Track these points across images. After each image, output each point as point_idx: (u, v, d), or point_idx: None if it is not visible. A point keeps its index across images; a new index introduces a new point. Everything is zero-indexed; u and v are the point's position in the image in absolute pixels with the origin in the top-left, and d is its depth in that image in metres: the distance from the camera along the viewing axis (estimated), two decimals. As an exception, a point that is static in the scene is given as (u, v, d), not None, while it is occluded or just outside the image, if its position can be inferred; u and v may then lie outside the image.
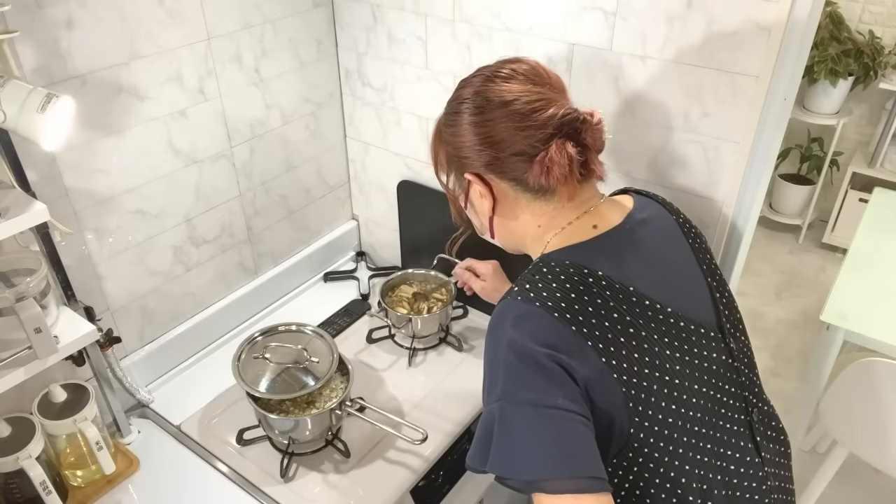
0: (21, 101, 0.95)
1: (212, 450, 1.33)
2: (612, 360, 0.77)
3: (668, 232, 0.95)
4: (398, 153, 1.70)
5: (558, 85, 0.89)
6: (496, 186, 0.89)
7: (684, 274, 0.92)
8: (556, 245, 0.88)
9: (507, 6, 1.32)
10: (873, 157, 3.23)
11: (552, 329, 0.77)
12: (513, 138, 0.84)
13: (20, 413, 1.17)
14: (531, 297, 0.79)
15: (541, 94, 0.85)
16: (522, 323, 0.78)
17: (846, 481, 2.13)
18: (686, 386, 0.82)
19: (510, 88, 0.85)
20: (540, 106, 0.84)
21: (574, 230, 0.88)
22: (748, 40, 1.09)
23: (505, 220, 0.93)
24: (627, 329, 0.79)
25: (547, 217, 0.89)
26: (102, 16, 1.15)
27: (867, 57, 2.98)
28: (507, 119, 0.84)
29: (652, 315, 0.82)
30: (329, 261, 1.88)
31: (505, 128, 0.84)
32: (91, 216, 1.25)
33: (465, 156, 0.89)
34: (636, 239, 0.89)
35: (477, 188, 0.90)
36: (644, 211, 0.94)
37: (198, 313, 1.55)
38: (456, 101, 0.91)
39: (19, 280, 1.07)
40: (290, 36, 1.52)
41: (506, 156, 0.85)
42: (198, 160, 1.42)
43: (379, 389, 1.47)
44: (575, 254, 0.85)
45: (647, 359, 0.79)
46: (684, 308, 0.86)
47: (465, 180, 0.91)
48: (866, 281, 1.92)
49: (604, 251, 0.86)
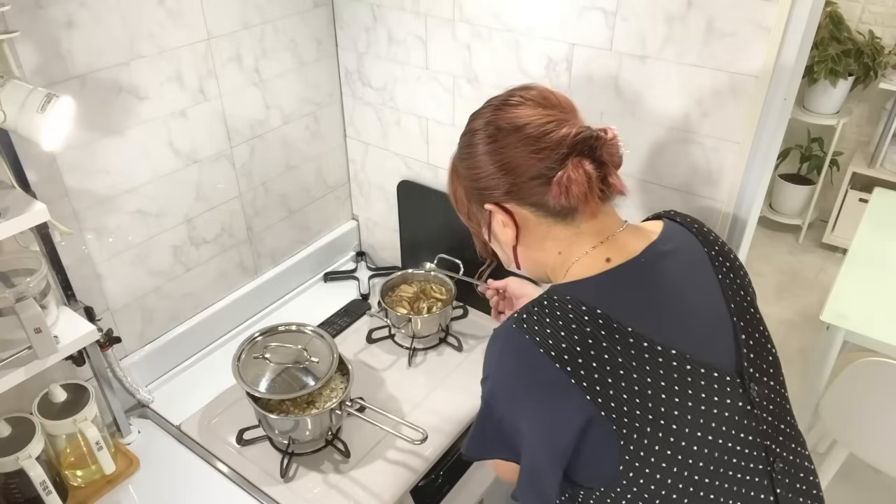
0: (21, 101, 0.95)
1: (212, 450, 1.33)
2: (599, 398, 0.75)
3: (694, 266, 0.90)
4: (398, 153, 1.70)
5: (568, 106, 0.88)
6: (517, 214, 0.88)
7: (704, 313, 0.87)
8: (571, 276, 0.86)
9: (507, 6, 1.32)
10: (873, 157, 3.23)
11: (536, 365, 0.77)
12: (528, 162, 0.83)
13: (20, 413, 1.17)
14: (524, 329, 0.79)
15: (551, 115, 0.84)
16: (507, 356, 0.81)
17: (846, 481, 2.13)
18: (688, 433, 0.78)
19: (520, 113, 0.85)
20: (552, 127, 0.83)
21: (588, 262, 0.86)
22: (748, 40, 1.09)
23: (528, 248, 0.91)
24: (621, 371, 0.77)
25: (567, 243, 0.87)
26: (102, 16, 1.15)
27: (867, 57, 2.98)
28: (522, 143, 0.83)
29: (653, 357, 0.78)
30: (329, 261, 1.88)
31: (520, 153, 0.84)
32: (91, 216, 1.25)
33: (484, 187, 0.88)
34: (651, 274, 0.85)
35: (499, 218, 0.89)
36: (670, 241, 0.89)
37: (198, 313, 1.55)
38: (468, 134, 0.90)
39: (19, 280, 1.07)
40: (290, 36, 1.52)
41: (524, 180, 0.84)
42: (198, 160, 1.42)
43: (379, 389, 1.47)
44: (581, 289, 0.83)
45: (643, 402, 0.76)
46: (697, 351, 0.81)
47: (486, 212, 0.89)
48: (866, 281, 1.92)
49: (611, 288, 0.83)
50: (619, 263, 0.84)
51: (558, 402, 0.77)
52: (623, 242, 0.87)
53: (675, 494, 0.78)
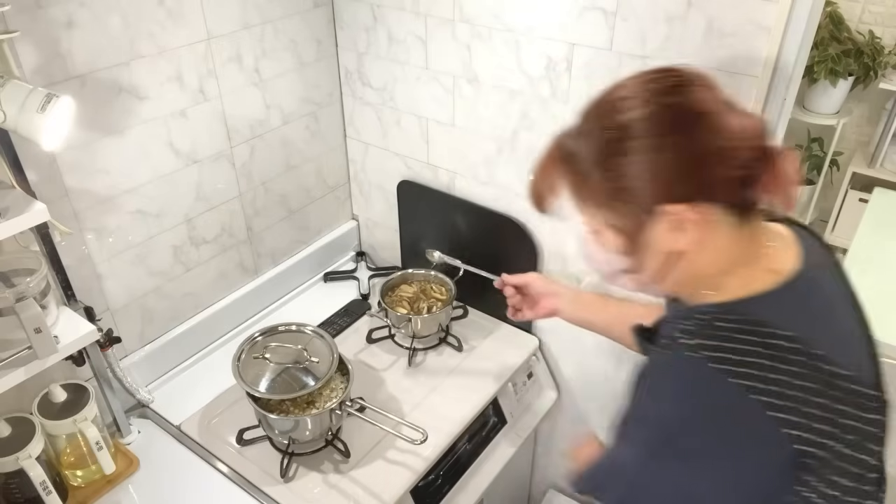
0: (21, 101, 0.95)
1: (212, 450, 1.33)
2: (795, 431, 0.67)
3: (836, 279, 0.82)
4: (398, 153, 1.70)
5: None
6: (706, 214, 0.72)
7: (854, 331, 0.81)
8: (733, 293, 0.74)
9: (508, 6, 1.32)
10: (873, 157, 3.23)
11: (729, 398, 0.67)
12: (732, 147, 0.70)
13: (20, 413, 1.17)
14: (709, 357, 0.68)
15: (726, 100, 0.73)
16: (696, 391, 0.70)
17: (846, 481, 2.12)
18: (860, 458, 0.73)
19: (699, 95, 0.72)
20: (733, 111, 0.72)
21: (752, 276, 0.74)
22: (748, 40, 1.09)
23: (693, 258, 0.76)
24: (815, 401, 0.69)
25: (740, 249, 0.75)
26: (102, 16, 1.15)
27: (867, 57, 2.98)
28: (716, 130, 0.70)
29: (837, 382, 0.71)
30: (329, 261, 1.88)
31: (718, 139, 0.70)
32: (91, 216, 1.25)
33: (659, 185, 0.71)
34: (815, 289, 0.77)
35: (674, 220, 0.72)
36: (812, 251, 0.80)
37: (198, 313, 1.54)
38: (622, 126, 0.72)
39: (19, 280, 1.07)
40: (290, 36, 1.52)
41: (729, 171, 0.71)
42: (198, 160, 1.42)
43: (379, 389, 1.47)
44: (761, 308, 0.71)
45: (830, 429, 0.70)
46: (857, 373, 0.74)
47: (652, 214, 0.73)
48: (866, 281, 1.92)
49: (790, 306, 0.73)
50: (787, 279, 0.74)
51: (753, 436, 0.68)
52: (779, 255, 0.77)
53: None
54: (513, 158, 1.47)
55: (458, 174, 1.60)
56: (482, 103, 1.46)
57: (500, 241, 1.57)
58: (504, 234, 1.55)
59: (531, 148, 1.43)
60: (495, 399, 1.50)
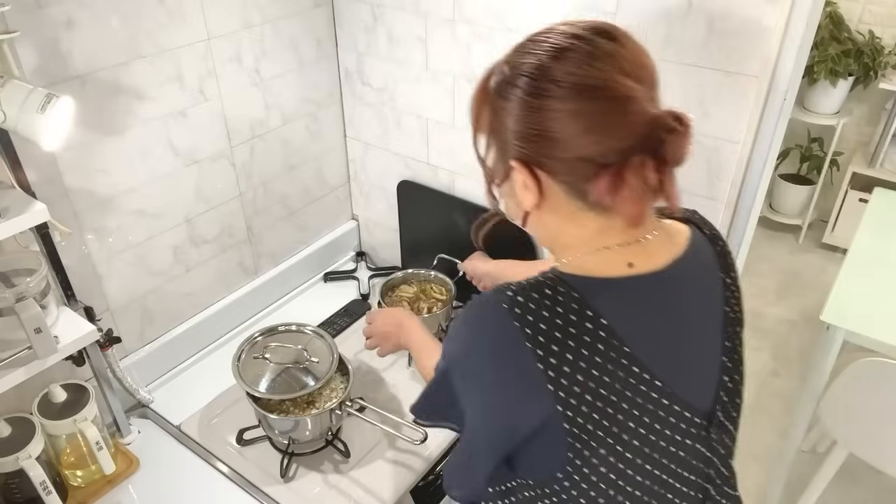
0: (21, 101, 0.95)
1: (212, 450, 1.33)
2: (569, 409, 0.70)
3: (708, 297, 0.82)
4: (398, 153, 1.70)
5: (650, 77, 0.71)
6: (545, 183, 0.73)
7: (700, 349, 0.81)
8: (581, 266, 0.75)
9: (508, 6, 1.32)
10: (873, 157, 3.23)
11: (516, 357, 0.71)
12: (579, 140, 0.68)
13: (20, 413, 1.17)
14: (516, 314, 0.71)
15: (627, 90, 0.67)
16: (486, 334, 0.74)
17: (846, 481, 2.13)
18: (638, 463, 0.75)
19: (588, 75, 0.67)
20: (622, 108, 0.67)
21: (608, 259, 0.75)
22: (748, 40, 1.09)
23: (542, 220, 0.78)
24: (602, 390, 0.71)
25: (590, 232, 0.76)
26: (102, 16, 1.15)
27: (867, 57, 2.98)
28: (577, 117, 0.67)
29: (638, 384, 0.73)
30: (329, 261, 1.88)
31: (571, 126, 0.68)
32: (91, 216, 1.25)
33: (517, 139, 0.72)
34: (668, 295, 0.77)
35: (521, 178, 0.74)
36: (695, 259, 0.80)
37: (198, 313, 1.54)
38: (514, 69, 0.72)
39: (19, 280, 1.07)
40: (290, 36, 1.52)
41: (565, 157, 0.70)
42: (198, 160, 1.42)
43: (379, 389, 1.47)
44: (593, 289, 0.73)
45: (609, 423, 0.72)
46: (680, 387, 0.76)
47: (509, 164, 0.75)
48: (866, 281, 1.92)
49: (624, 299, 0.74)
50: (640, 273, 0.75)
51: (524, 399, 0.72)
52: (651, 250, 0.76)
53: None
54: (513, 158, 1.47)
55: (458, 174, 1.59)
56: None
57: (500, 242, 1.57)
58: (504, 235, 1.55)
59: (531, 148, 1.43)
60: (495, 399, 1.50)
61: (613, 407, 0.72)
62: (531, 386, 0.70)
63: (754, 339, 2.86)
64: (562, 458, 0.73)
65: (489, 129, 0.77)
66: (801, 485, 2.01)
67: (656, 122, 0.67)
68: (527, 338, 0.70)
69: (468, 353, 0.77)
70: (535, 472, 0.78)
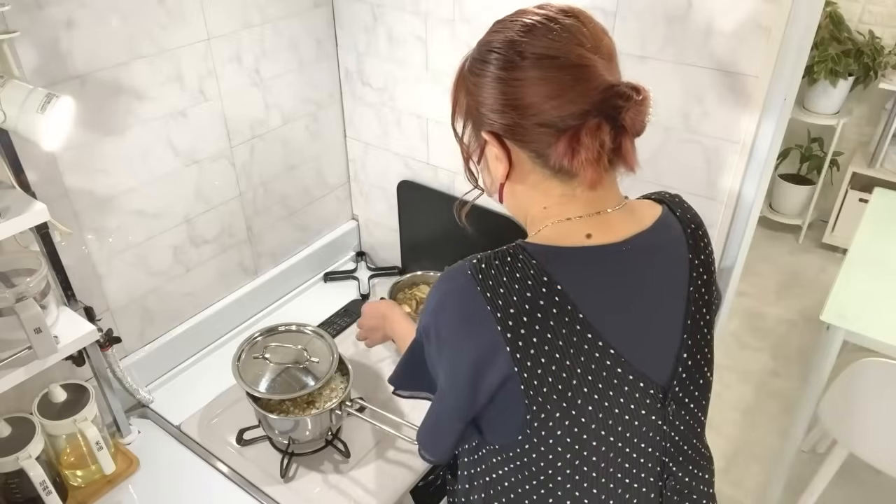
0: (21, 101, 0.95)
1: (212, 450, 1.33)
2: (525, 370, 0.74)
3: (670, 270, 0.84)
4: (398, 153, 1.70)
5: (608, 50, 0.77)
6: (514, 153, 0.79)
7: (659, 321, 0.83)
8: (543, 236, 0.80)
9: (508, 6, 1.31)
10: (873, 157, 3.23)
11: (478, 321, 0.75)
12: (542, 106, 0.74)
13: (20, 413, 1.17)
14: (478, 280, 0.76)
15: (585, 60, 0.73)
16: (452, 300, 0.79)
17: (846, 481, 2.13)
18: (593, 428, 0.78)
19: (550, 46, 0.74)
20: (580, 75, 0.73)
21: (567, 229, 0.80)
22: (748, 40, 1.09)
23: (515, 190, 0.84)
24: (556, 353, 0.75)
25: (554, 201, 0.80)
26: (102, 16, 1.15)
27: (867, 57, 2.98)
28: (540, 83, 0.73)
29: (592, 349, 0.76)
30: (329, 261, 1.88)
31: (535, 93, 0.73)
32: (91, 216, 1.25)
33: (485, 113, 0.79)
34: (625, 266, 0.80)
35: (493, 150, 0.80)
36: (660, 236, 0.83)
37: (198, 313, 1.54)
38: (485, 46, 0.79)
39: (19, 280, 1.07)
40: (290, 36, 1.52)
41: (530, 124, 0.75)
42: (198, 160, 1.42)
43: (379, 389, 1.47)
44: (550, 257, 0.77)
45: (563, 387, 0.75)
46: (636, 358, 0.79)
47: (482, 138, 0.81)
48: (866, 281, 1.92)
49: (581, 267, 0.78)
50: (598, 244, 0.78)
51: (485, 361, 0.76)
52: (611, 223, 0.80)
53: (560, 477, 0.81)
54: (513, 158, 1.47)
55: (458, 174, 1.59)
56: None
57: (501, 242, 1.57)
58: (504, 234, 1.55)
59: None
60: (495, 399, 1.50)
61: (567, 371, 0.75)
62: (491, 347, 0.75)
63: (754, 339, 2.86)
64: (521, 421, 0.77)
65: (465, 108, 0.83)
66: (801, 485, 2.01)
67: (612, 89, 0.72)
68: (487, 301, 0.74)
69: (437, 316, 0.80)
70: (500, 436, 0.81)
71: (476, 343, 0.76)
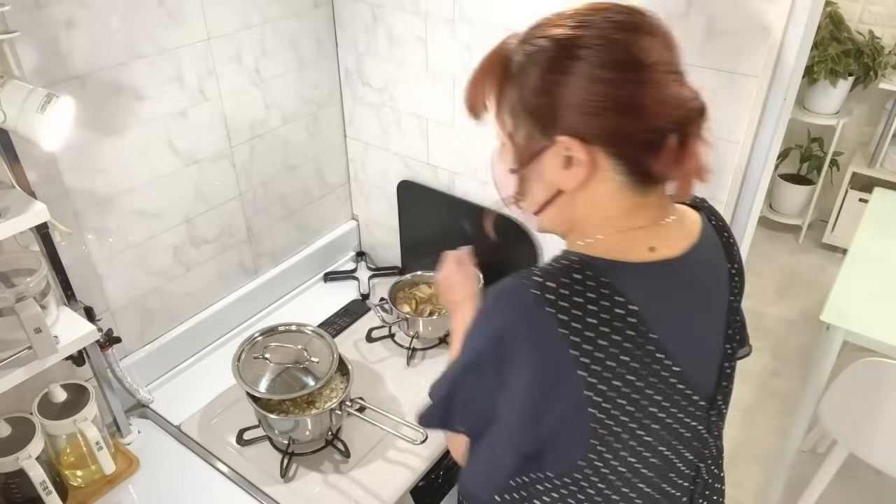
0: (21, 101, 0.95)
1: (212, 450, 1.33)
2: (598, 395, 0.71)
3: (717, 284, 0.84)
4: (398, 153, 1.70)
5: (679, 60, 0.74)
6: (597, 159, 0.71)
7: (709, 334, 0.83)
8: (603, 250, 0.74)
9: (508, 6, 1.32)
10: (873, 157, 3.23)
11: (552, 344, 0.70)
12: (653, 109, 0.68)
13: (20, 413, 1.17)
14: (549, 301, 0.69)
15: (680, 62, 0.71)
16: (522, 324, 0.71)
17: (846, 481, 2.13)
18: (651, 443, 0.77)
19: (652, 47, 0.69)
20: (682, 80, 0.70)
21: (629, 241, 0.75)
22: (748, 40, 1.09)
23: (577, 196, 0.75)
24: (629, 376, 0.72)
25: (622, 211, 0.75)
26: (102, 16, 1.15)
27: (867, 57, 2.98)
28: (653, 87, 0.68)
29: (660, 369, 0.74)
30: (329, 261, 1.88)
31: (648, 95, 0.68)
32: (91, 216, 1.25)
33: (568, 115, 0.70)
34: (686, 282, 0.78)
35: (564, 155, 0.71)
36: (708, 248, 0.82)
37: (198, 313, 1.54)
38: (568, 41, 0.70)
39: (19, 280, 1.07)
40: (290, 36, 1.52)
41: (636, 129, 0.69)
42: (198, 160, 1.42)
43: (379, 389, 1.47)
44: (620, 275, 0.73)
45: (632, 407, 0.74)
46: (692, 370, 0.78)
47: (550, 141, 0.72)
48: (866, 281, 1.92)
49: (648, 284, 0.74)
50: (662, 258, 0.75)
51: (554, 386, 0.71)
52: (670, 234, 0.77)
53: (615, 496, 0.78)
54: (513, 158, 1.47)
55: (458, 174, 1.59)
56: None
57: (500, 241, 1.57)
58: (504, 234, 1.55)
59: (531, 148, 1.43)
60: (495, 399, 1.50)
61: (638, 392, 0.73)
62: (562, 371, 0.70)
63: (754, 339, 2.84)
64: (585, 445, 0.74)
65: (521, 105, 0.73)
66: (801, 485, 2.01)
67: (698, 97, 0.71)
68: (560, 323, 0.69)
69: (499, 339, 0.73)
70: (558, 462, 0.77)
71: (545, 367, 0.71)
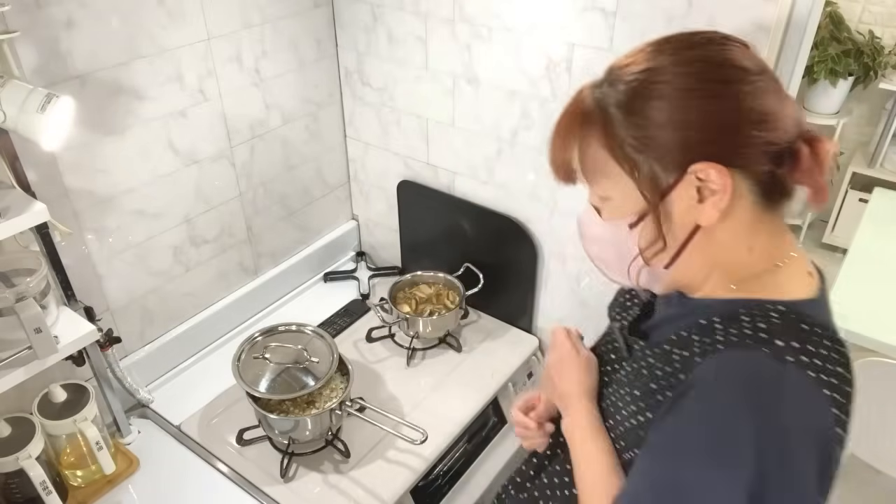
0: (21, 101, 0.95)
1: (212, 450, 1.33)
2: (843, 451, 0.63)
3: None
4: (398, 153, 1.70)
5: None
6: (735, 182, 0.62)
7: None
8: (790, 290, 0.65)
9: (507, 6, 1.32)
10: (873, 157, 3.23)
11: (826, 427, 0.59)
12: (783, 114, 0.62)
13: (20, 413, 1.17)
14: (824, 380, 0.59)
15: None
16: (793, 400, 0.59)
17: (846, 481, 2.12)
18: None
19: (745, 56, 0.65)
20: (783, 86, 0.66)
21: (796, 276, 0.67)
22: (748, 40, 1.08)
23: (715, 232, 0.65)
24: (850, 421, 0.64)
25: (763, 238, 0.66)
26: (102, 16, 1.15)
27: (867, 57, 2.98)
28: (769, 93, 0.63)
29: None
30: (329, 261, 1.88)
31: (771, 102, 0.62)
32: (91, 216, 1.25)
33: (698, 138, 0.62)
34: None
35: (697, 186, 0.62)
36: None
37: (198, 313, 1.54)
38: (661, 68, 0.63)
39: (19, 280, 1.07)
40: (290, 36, 1.52)
41: (772, 139, 0.62)
42: (198, 160, 1.41)
43: (379, 389, 1.47)
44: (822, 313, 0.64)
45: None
46: None
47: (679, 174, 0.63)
48: (866, 281, 1.92)
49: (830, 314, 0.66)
50: (821, 287, 0.68)
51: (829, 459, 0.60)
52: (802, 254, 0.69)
53: None
54: (513, 158, 1.47)
55: (458, 174, 1.59)
56: (482, 103, 1.46)
57: (500, 241, 1.57)
58: (504, 234, 1.55)
59: (531, 148, 1.43)
60: (495, 399, 1.50)
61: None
62: (833, 435, 0.60)
63: (754, 339, 2.86)
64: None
65: (632, 146, 0.64)
66: (801, 485, 2.01)
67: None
68: (833, 403, 0.60)
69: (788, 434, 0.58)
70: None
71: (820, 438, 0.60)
